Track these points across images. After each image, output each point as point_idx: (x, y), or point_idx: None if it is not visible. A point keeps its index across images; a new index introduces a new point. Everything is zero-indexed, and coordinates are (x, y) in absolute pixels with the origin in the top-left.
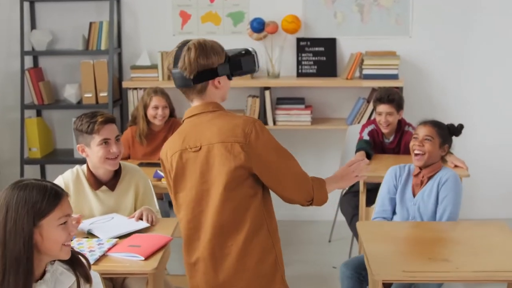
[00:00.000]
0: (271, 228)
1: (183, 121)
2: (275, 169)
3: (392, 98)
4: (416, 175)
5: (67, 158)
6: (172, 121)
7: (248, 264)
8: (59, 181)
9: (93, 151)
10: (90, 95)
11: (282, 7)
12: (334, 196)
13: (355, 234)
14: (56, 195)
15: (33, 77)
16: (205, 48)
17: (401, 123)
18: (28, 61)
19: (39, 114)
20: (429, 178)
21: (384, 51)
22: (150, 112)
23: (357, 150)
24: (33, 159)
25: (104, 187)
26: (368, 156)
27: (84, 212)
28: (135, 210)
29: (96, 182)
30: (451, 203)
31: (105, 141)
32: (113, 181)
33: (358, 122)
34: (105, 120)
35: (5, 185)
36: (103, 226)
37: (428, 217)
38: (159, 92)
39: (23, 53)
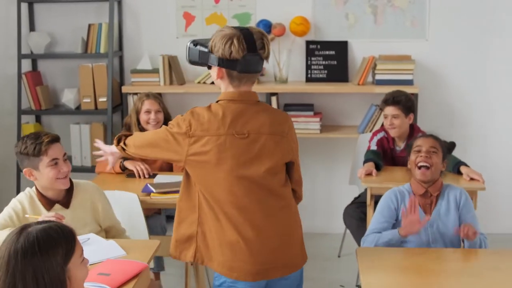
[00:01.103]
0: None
1: (217, 101)
2: (298, 153)
3: (398, 99)
4: (423, 195)
5: None
6: None
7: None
8: (15, 203)
9: (42, 173)
10: (88, 100)
11: (290, 8)
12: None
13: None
14: (70, 232)
15: (30, 81)
16: None
17: (413, 130)
18: (27, 65)
19: (38, 119)
20: (437, 196)
21: (399, 55)
22: (143, 117)
23: (365, 161)
24: None
25: (57, 206)
26: (377, 167)
27: None
28: (100, 226)
29: (48, 203)
30: (476, 224)
31: (55, 162)
32: (65, 198)
33: (370, 131)
34: (51, 140)
35: (3, 193)
36: None
37: (451, 238)
38: (151, 96)
39: (20, 56)
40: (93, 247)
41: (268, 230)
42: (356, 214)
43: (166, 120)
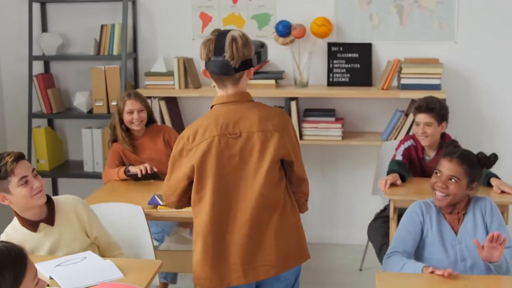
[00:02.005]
0: (294, 207)
1: (212, 106)
2: (298, 149)
3: (432, 107)
4: (450, 213)
5: (78, 172)
6: (154, 128)
7: (282, 240)
8: (3, 236)
9: (15, 195)
10: (101, 104)
11: (311, 9)
12: (367, 219)
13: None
14: (20, 253)
15: (41, 83)
16: (248, 39)
17: (445, 138)
18: (39, 67)
19: (50, 123)
20: (464, 212)
21: (426, 58)
22: (126, 117)
23: (389, 172)
24: (41, 172)
25: (42, 225)
26: (402, 179)
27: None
28: (88, 237)
29: (32, 224)
30: (505, 234)
31: (24, 180)
32: (49, 216)
33: (395, 138)
34: (15, 159)
35: None
36: (70, 270)
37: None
38: (133, 95)
39: (32, 58)
40: (88, 268)
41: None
42: (382, 230)
43: (150, 118)
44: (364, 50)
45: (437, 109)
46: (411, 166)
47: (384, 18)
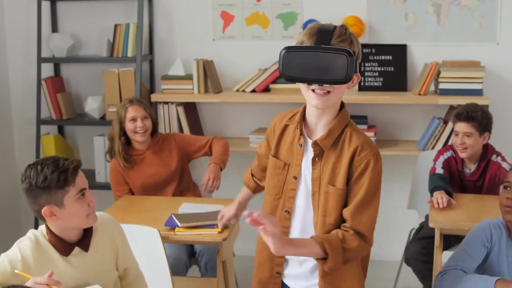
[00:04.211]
0: None
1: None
2: None
3: (473, 115)
4: None
5: (90, 182)
6: (159, 137)
7: None
8: (14, 253)
9: (68, 211)
10: (114, 109)
11: (342, 7)
12: (403, 235)
13: None
14: None
15: (51, 87)
16: None
17: (488, 150)
18: (49, 69)
19: (60, 130)
20: None
21: (466, 61)
22: (128, 126)
23: (433, 188)
24: None
25: (77, 249)
26: (449, 195)
27: None
28: (117, 270)
29: (65, 247)
30: None
31: (82, 193)
32: (85, 239)
33: (432, 147)
34: (77, 166)
35: (21, 208)
36: None
37: None
38: (135, 101)
39: (40, 60)
40: None
41: None
42: (423, 256)
43: (155, 127)
44: (399, 52)
45: (478, 118)
46: (451, 180)
47: (421, 18)
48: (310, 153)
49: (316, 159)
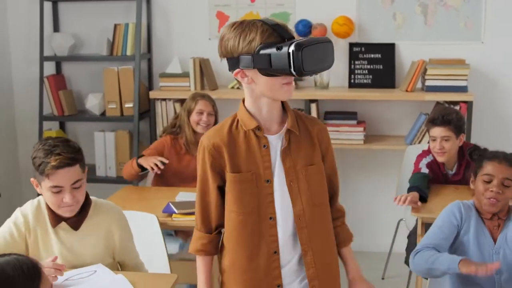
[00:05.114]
0: None
1: None
2: None
3: (449, 119)
4: (491, 219)
5: (90, 176)
6: None
7: None
8: (16, 216)
9: (44, 194)
10: (114, 106)
11: (332, 8)
12: (390, 226)
13: None
14: (34, 268)
15: (53, 85)
16: None
17: (463, 147)
18: (51, 68)
19: (62, 126)
20: (505, 218)
21: (451, 59)
22: (194, 117)
23: (409, 188)
24: None
25: (64, 224)
26: (423, 200)
27: (43, 254)
28: (113, 259)
29: (54, 218)
30: None
31: (58, 189)
32: (76, 218)
33: (419, 142)
34: (59, 165)
35: (23, 203)
36: (79, 286)
37: None
38: (207, 97)
39: (43, 59)
40: (98, 283)
41: None
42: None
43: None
44: (387, 51)
45: (454, 121)
46: (436, 182)
47: (408, 18)
48: (275, 147)
49: (289, 148)
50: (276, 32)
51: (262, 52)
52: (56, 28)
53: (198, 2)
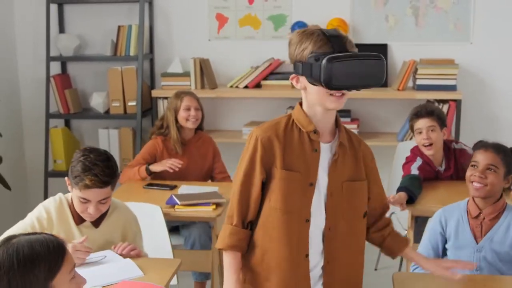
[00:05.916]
0: None
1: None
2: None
3: (432, 109)
4: (476, 217)
5: None
6: (202, 135)
7: None
8: (40, 211)
9: (73, 196)
10: (117, 104)
11: (327, 10)
12: None
13: None
14: (59, 246)
15: (59, 84)
16: None
17: (446, 143)
18: (57, 67)
19: (67, 123)
20: (494, 218)
21: (441, 59)
22: (182, 114)
23: (397, 189)
24: (58, 172)
25: (87, 223)
26: (411, 200)
27: None
28: None
29: (78, 217)
30: None
31: (86, 201)
32: (98, 217)
33: (410, 138)
34: (92, 186)
35: (30, 199)
36: (90, 269)
37: (501, 268)
38: (190, 93)
39: (49, 59)
40: (108, 266)
41: None
42: None
43: (201, 124)
44: (380, 51)
45: (437, 112)
46: (429, 180)
47: (400, 19)
48: (324, 155)
49: (336, 160)
50: (330, 43)
51: (308, 61)
52: (61, 30)
53: (198, 5)
